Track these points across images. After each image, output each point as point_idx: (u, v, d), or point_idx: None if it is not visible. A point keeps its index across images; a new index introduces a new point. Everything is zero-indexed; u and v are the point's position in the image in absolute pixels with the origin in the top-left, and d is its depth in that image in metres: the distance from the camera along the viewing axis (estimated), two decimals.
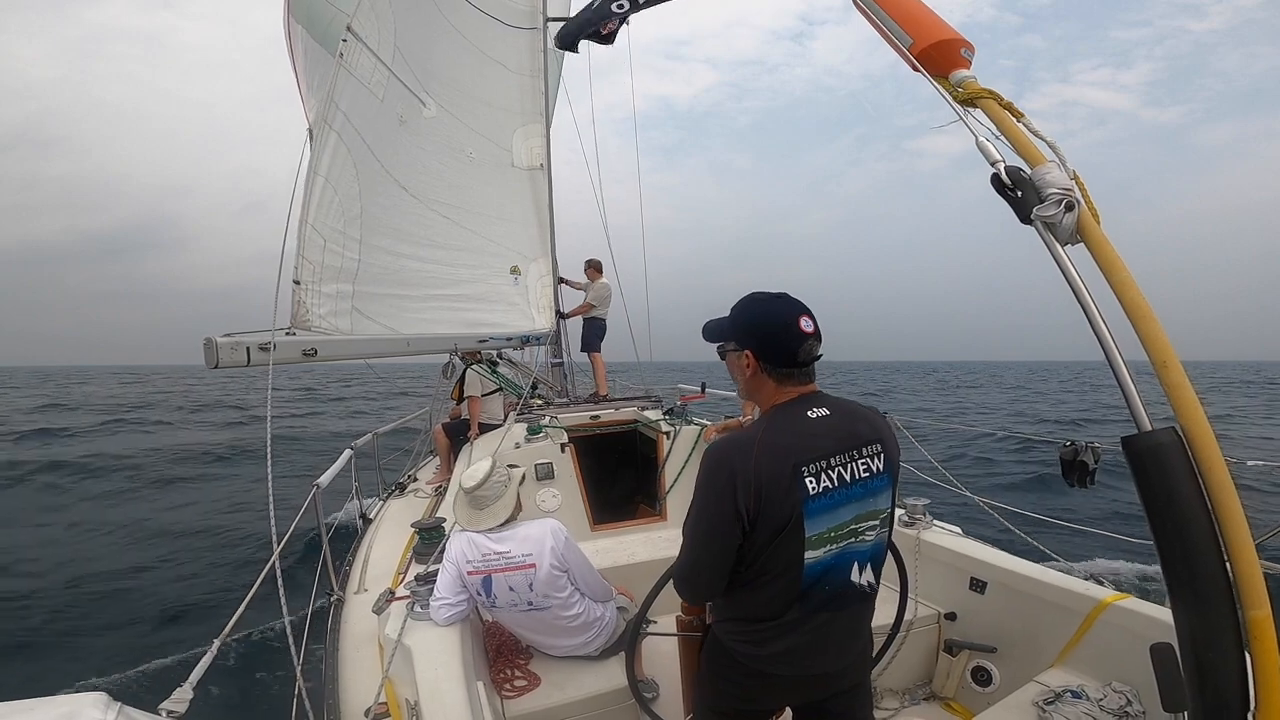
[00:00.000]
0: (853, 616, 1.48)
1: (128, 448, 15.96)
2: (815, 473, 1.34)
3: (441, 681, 1.97)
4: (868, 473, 1.40)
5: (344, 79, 4.05)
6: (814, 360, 1.44)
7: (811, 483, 1.34)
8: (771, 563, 1.37)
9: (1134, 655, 2.05)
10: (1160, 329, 0.93)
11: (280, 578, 2.04)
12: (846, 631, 1.48)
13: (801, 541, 1.35)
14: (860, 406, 1.50)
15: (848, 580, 1.42)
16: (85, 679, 4.44)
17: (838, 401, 1.47)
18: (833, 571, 1.40)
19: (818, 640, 1.44)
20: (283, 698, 1.94)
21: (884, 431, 1.48)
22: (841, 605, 1.43)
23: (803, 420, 1.39)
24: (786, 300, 1.45)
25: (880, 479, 1.43)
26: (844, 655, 1.50)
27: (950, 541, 2.95)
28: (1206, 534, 0.87)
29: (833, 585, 1.41)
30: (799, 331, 1.39)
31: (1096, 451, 1.55)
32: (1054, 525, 3.59)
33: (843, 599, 1.43)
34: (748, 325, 1.46)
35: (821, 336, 1.43)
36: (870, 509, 1.42)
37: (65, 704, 0.93)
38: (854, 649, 1.53)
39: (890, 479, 1.46)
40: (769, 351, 1.42)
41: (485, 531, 2.45)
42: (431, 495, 4.97)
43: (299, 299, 3.88)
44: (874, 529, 1.44)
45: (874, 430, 1.45)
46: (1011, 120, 1.06)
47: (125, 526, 8.75)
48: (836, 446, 1.38)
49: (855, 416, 1.45)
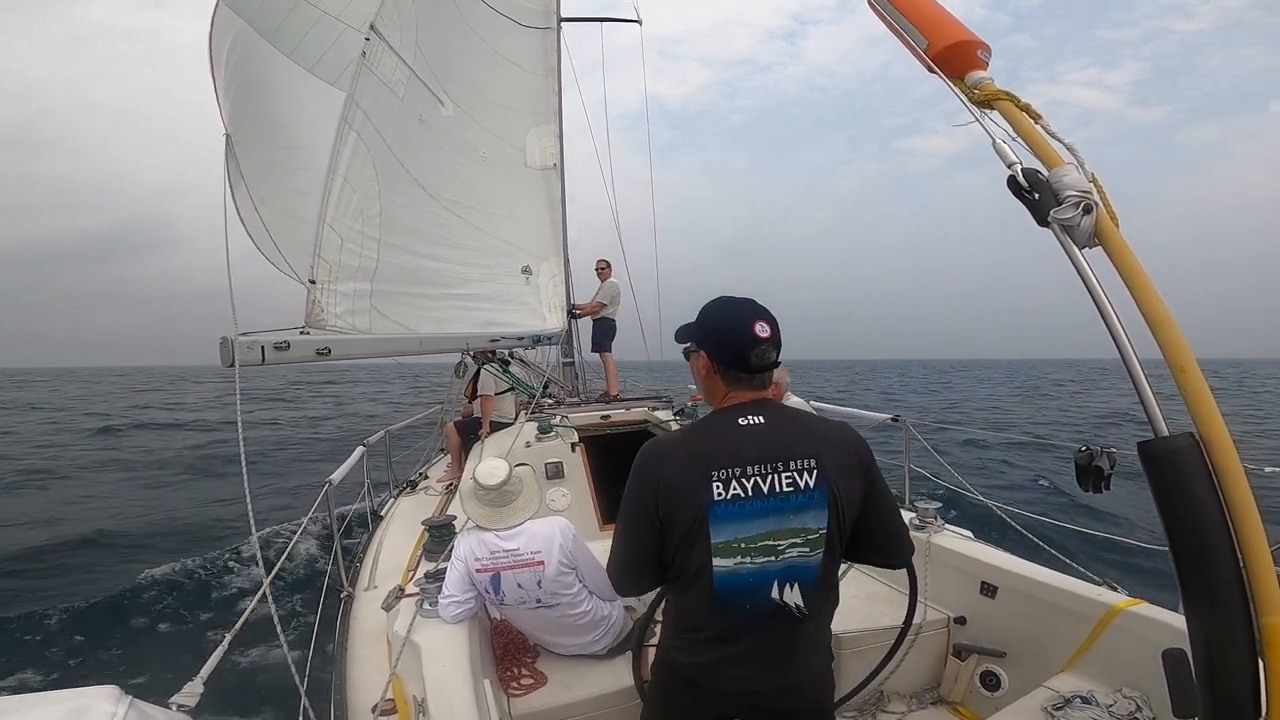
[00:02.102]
0: (785, 638, 1.41)
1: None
2: (725, 479, 1.34)
3: (449, 679, 1.99)
4: (791, 488, 1.35)
5: (366, 77, 4.07)
6: (768, 366, 1.42)
7: (719, 488, 1.33)
8: (686, 565, 1.38)
9: (1145, 661, 2.03)
10: (1179, 334, 0.92)
11: (266, 575, 2.06)
12: (779, 652, 1.42)
13: (708, 547, 1.34)
14: (817, 422, 1.46)
15: (769, 598, 1.37)
16: (96, 673, 4.51)
17: (784, 413, 1.44)
18: (752, 587, 1.36)
19: (747, 658, 1.41)
20: (292, 692, 1.96)
21: (830, 450, 1.39)
22: (768, 625, 1.39)
23: (730, 426, 1.39)
24: (748, 304, 1.44)
25: (807, 496, 1.36)
26: (779, 677, 1.43)
27: (961, 545, 2.93)
28: (1223, 540, 0.87)
29: (754, 602, 1.37)
30: (753, 336, 1.38)
31: (1112, 456, 1.53)
32: (1070, 531, 3.56)
33: (768, 618, 1.38)
34: (706, 327, 1.47)
35: (779, 343, 1.41)
36: (791, 526, 1.36)
37: (76, 698, 0.94)
38: (793, 673, 1.44)
39: (825, 499, 1.36)
40: (722, 354, 1.43)
41: (495, 529, 2.46)
42: (442, 493, 5.00)
43: (314, 298, 3.92)
44: (799, 548, 1.36)
45: (811, 447, 1.37)
46: (1029, 122, 1.06)
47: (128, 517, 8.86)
48: (757, 456, 1.35)
49: (796, 430, 1.40)
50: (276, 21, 5.36)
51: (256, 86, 5.48)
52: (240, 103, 5.48)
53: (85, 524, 8.48)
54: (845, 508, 1.38)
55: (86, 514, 9.24)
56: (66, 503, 10.05)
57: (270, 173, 5.37)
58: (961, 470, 4.24)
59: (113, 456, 14.84)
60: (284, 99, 5.41)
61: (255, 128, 5.51)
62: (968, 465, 11.48)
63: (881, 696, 2.69)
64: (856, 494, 1.39)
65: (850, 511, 1.39)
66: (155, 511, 9.41)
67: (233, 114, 5.48)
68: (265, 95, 5.48)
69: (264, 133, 5.49)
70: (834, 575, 1.44)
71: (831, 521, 1.37)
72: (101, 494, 10.74)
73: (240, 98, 5.48)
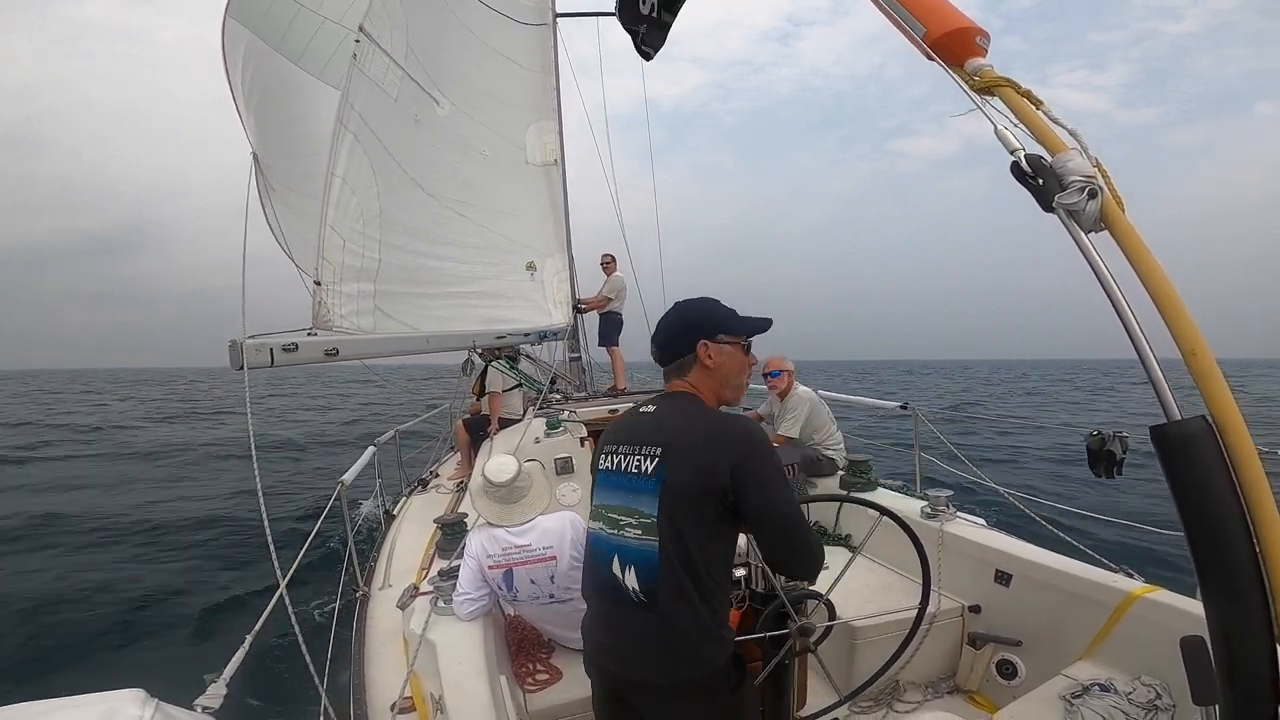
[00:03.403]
0: (624, 618, 1.45)
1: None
2: (609, 453, 1.55)
3: (465, 676, 2.00)
4: (636, 471, 1.47)
5: (358, 79, 4.09)
6: (662, 362, 1.58)
7: (604, 459, 1.56)
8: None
9: (1164, 648, 2.02)
10: (1189, 317, 0.91)
11: (281, 577, 2.08)
12: (621, 632, 1.46)
13: (591, 507, 1.59)
14: (698, 418, 1.46)
15: (610, 570, 1.47)
16: (121, 676, 4.57)
17: (675, 405, 1.52)
18: (602, 554, 1.51)
19: (599, 626, 1.53)
20: (312, 691, 1.98)
21: (680, 443, 1.41)
22: (609, 597, 1.48)
23: (634, 413, 1.61)
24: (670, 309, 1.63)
25: (643, 480, 1.44)
26: (622, 657, 1.46)
27: (974, 533, 2.92)
28: (1238, 525, 0.85)
29: (600, 568, 1.51)
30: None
31: (1124, 441, 1.52)
32: (1086, 517, 3.53)
33: (609, 590, 1.48)
34: None
35: (660, 342, 1.58)
36: (630, 505, 1.46)
37: (104, 701, 0.95)
38: (637, 660, 1.43)
39: (657, 488, 1.40)
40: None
41: (506, 526, 2.47)
42: (453, 491, 5.02)
43: (320, 300, 3.94)
44: (634, 529, 1.43)
45: (664, 437, 1.44)
46: (1030, 108, 1.04)
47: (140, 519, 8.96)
48: (628, 439, 1.53)
49: (665, 420, 1.50)
50: (281, 30, 5.42)
51: (274, 98, 5.57)
52: (262, 116, 5.58)
53: (88, 522, 8.59)
54: (683, 501, 1.38)
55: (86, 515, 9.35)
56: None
57: (291, 181, 5.46)
58: (973, 456, 4.22)
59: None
60: (299, 107, 5.49)
61: (278, 139, 5.61)
62: (978, 449, 11.43)
63: (898, 686, 2.69)
64: (702, 489, 1.37)
65: (689, 507, 1.38)
66: (172, 513, 9.52)
67: (257, 130, 5.58)
68: (283, 105, 5.57)
69: (287, 143, 5.58)
70: (683, 574, 1.38)
71: (664, 512, 1.39)
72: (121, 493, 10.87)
73: (261, 110, 5.59)
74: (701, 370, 1.53)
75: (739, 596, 1.85)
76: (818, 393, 4.35)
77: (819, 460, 4.06)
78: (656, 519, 1.40)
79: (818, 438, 4.12)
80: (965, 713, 2.58)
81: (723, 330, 1.53)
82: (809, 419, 4.10)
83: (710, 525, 1.39)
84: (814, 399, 4.20)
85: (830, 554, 3.35)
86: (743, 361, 1.57)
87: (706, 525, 1.39)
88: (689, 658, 1.40)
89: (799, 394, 4.18)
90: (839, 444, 4.19)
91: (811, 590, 1.85)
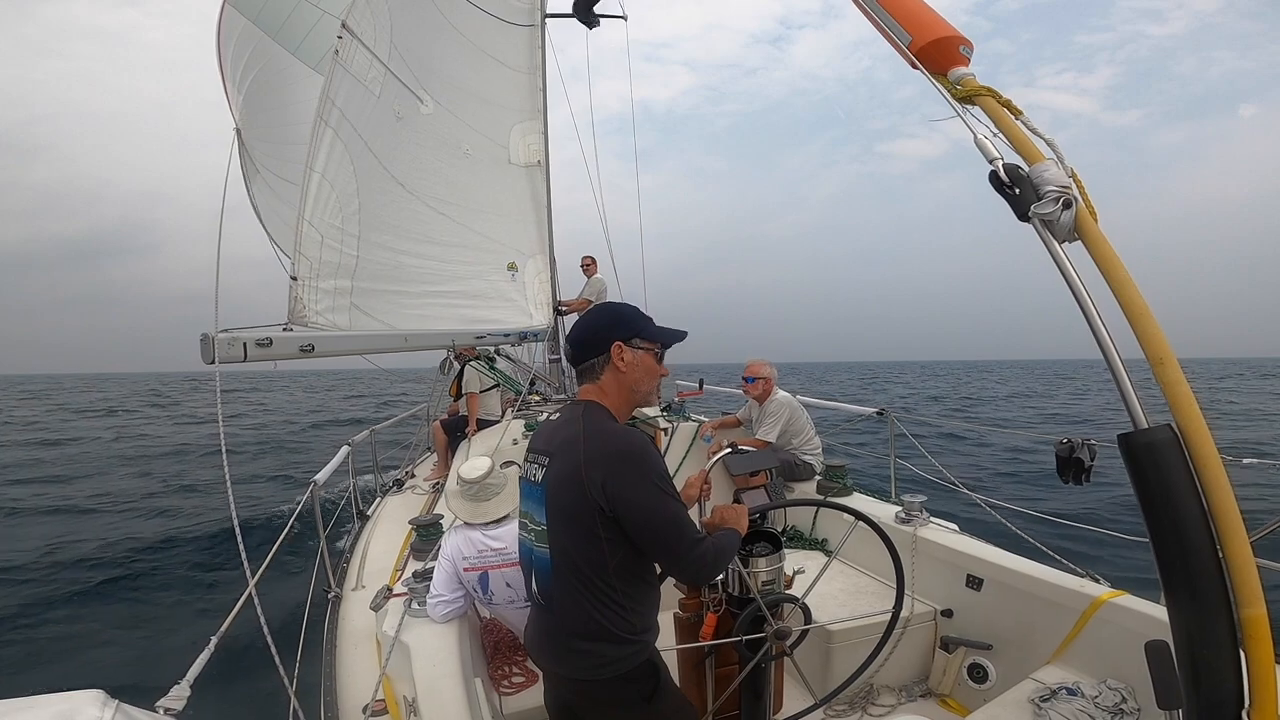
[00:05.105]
0: (535, 619, 1.57)
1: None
2: (528, 461, 1.60)
3: (439, 678, 1.97)
4: (532, 479, 1.54)
5: (340, 75, 4.04)
6: (575, 362, 1.58)
7: (526, 467, 1.60)
8: None
9: (1129, 652, 2.06)
10: (1157, 326, 0.93)
11: (251, 576, 2.03)
12: (533, 629, 1.57)
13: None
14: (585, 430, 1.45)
15: (527, 574, 1.58)
16: (82, 676, 4.44)
17: (575, 412, 1.54)
18: (521, 556, 1.62)
19: (530, 624, 1.61)
20: (281, 695, 1.94)
21: (562, 455, 1.45)
22: (531, 599, 1.58)
23: (547, 420, 1.73)
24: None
25: (535, 489, 1.51)
26: (543, 653, 1.54)
27: (947, 538, 2.95)
28: (1202, 531, 0.87)
29: (523, 572, 1.62)
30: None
31: (1093, 448, 1.55)
32: (1056, 524, 3.59)
33: (530, 593, 1.57)
34: None
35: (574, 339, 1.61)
36: (530, 512, 1.54)
37: (62, 701, 0.92)
38: (551, 657, 1.52)
39: (543, 496, 1.47)
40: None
41: (482, 528, 2.45)
42: (429, 492, 4.96)
43: (296, 295, 3.87)
44: (532, 536, 1.53)
45: (551, 447, 1.50)
46: (1009, 117, 1.06)
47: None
48: (535, 445, 1.60)
49: (558, 430, 1.54)
50: (280, 20, 5.39)
51: (266, 82, 5.52)
52: (251, 97, 5.54)
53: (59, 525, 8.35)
54: (563, 512, 1.43)
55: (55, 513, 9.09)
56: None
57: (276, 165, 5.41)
58: (947, 461, 4.28)
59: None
60: (291, 94, 5.45)
61: (266, 123, 5.57)
62: (953, 454, 11.60)
63: (871, 689, 2.71)
64: (578, 503, 1.39)
65: (567, 518, 1.42)
66: (136, 512, 9.29)
67: (244, 107, 5.53)
68: (275, 91, 5.54)
69: (274, 128, 5.53)
70: (571, 579, 1.43)
71: (550, 520, 1.46)
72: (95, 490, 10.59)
73: (250, 91, 5.56)
74: (613, 373, 1.53)
75: (715, 600, 1.86)
76: (797, 397, 4.38)
77: (797, 465, 4.09)
78: (545, 527, 1.47)
79: (796, 442, 4.15)
80: (937, 716, 2.61)
81: (639, 334, 1.54)
82: (788, 424, 4.12)
83: (593, 536, 1.40)
84: (794, 404, 4.23)
85: (806, 558, 3.38)
86: (654, 368, 1.57)
87: (589, 536, 1.40)
88: (590, 654, 1.44)
89: (779, 399, 4.20)
90: (817, 449, 4.23)
91: (787, 594, 1.86)
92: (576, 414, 1.51)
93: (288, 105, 5.41)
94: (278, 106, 5.51)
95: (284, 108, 5.46)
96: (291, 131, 5.16)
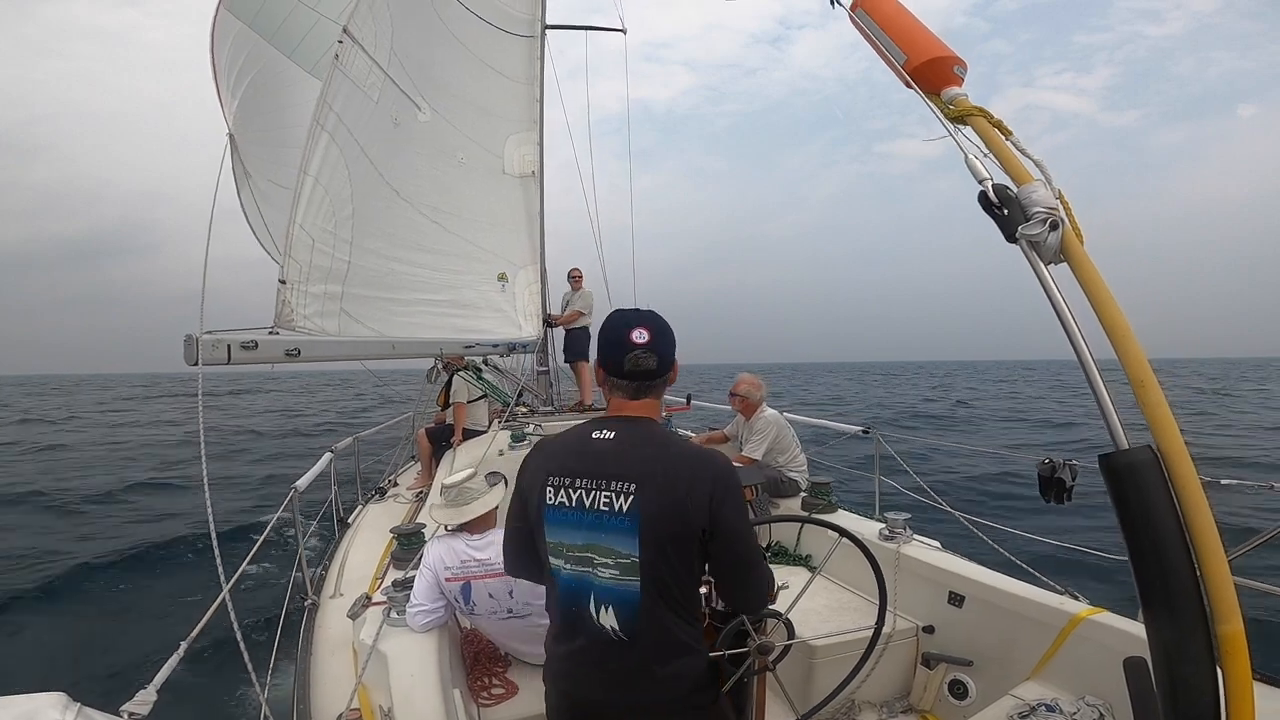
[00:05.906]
0: (603, 656, 1.40)
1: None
2: (557, 486, 1.41)
3: (416, 688, 1.94)
4: (606, 508, 1.36)
5: (339, 80, 4.04)
6: (642, 373, 1.41)
7: (551, 493, 1.41)
8: (544, 556, 1.47)
9: (1108, 669, 2.07)
10: (1139, 348, 0.95)
11: (225, 581, 2.00)
12: (600, 670, 1.41)
13: (545, 544, 1.44)
14: (668, 449, 1.39)
15: (586, 610, 1.39)
16: (44, 679, 4.32)
17: (637, 433, 1.41)
18: (576, 592, 1.41)
19: (575, 665, 1.44)
20: (253, 702, 1.90)
21: (655, 481, 1.34)
22: (588, 636, 1.41)
23: (582, 438, 1.44)
24: (632, 313, 1.47)
25: (618, 520, 1.34)
26: (599, 691, 1.42)
27: (929, 555, 2.97)
28: (1180, 550, 0.89)
29: (577, 607, 1.41)
30: (628, 342, 1.40)
31: (1074, 469, 1.56)
32: (1037, 542, 3.62)
33: (588, 630, 1.40)
34: (599, 335, 1.52)
35: (661, 351, 1.42)
36: (604, 544, 1.37)
37: (22, 704, 0.90)
38: (616, 693, 1.40)
39: (635, 526, 1.33)
40: (603, 361, 1.47)
41: (465, 538, 2.43)
42: (412, 501, 4.91)
43: (284, 298, 3.84)
44: (610, 569, 1.36)
45: (634, 472, 1.35)
46: (1000, 138, 1.08)
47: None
48: (586, 470, 1.39)
49: (633, 453, 1.38)
50: (276, 24, 5.37)
51: (261, 86, 5.50)
52: (246, 101, 5.52)
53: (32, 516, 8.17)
54: (664, 541, 1.33)
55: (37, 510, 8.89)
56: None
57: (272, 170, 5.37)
58: (934, 468, 4.30)
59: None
60: (287, 97, 5.43)
61: (262, 126, 5.54)
62: (937, 470, 11.62)
63: (853, 705, 2.70)
64: (681, 528, 1.33)
65: (673, 545, 1.33)
66: (109, 514, 9.10)
67: (238, 113, 5.51)
68: (270, 95, 5.52)
69: (270, 131, 5.51)
70: (664, 609, 1.36)
71: (646, 551, 1.33)
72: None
73: (245, 96, 5.53)
74: (662, 389, 1.48)
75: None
76: (784, 415, 4.40)
77: (782, 482, 4.10)
78: (638, 559, 1.33)
79: (782, 459, 4.16)
80: None
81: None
82: (774, 441, 4.14)
83: (690, 561, 1.37)
84: (781, 422, 4.25)
85: (790, 574, 3.38)
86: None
87: (687, 562, 1.36)
88: (670, 678, 1.39)
89: (767, 416, 4.22)
90: (803, 466, 4.24)
91: (771, 609, 1.85)
92: (645, 431, 1.42)
93: (284, 109, 5.39)
94: (274, 110, 5.49)
95: (280, 111, 5.43)
96: (289, 135, 5.14)
